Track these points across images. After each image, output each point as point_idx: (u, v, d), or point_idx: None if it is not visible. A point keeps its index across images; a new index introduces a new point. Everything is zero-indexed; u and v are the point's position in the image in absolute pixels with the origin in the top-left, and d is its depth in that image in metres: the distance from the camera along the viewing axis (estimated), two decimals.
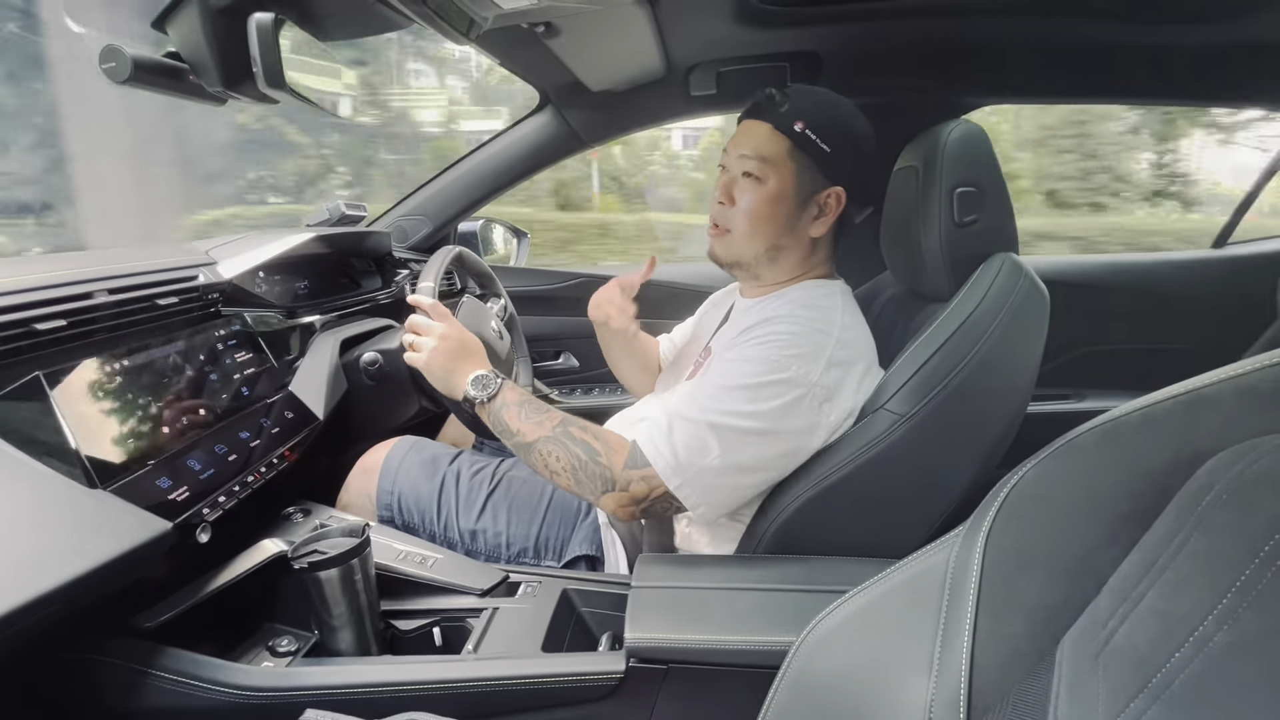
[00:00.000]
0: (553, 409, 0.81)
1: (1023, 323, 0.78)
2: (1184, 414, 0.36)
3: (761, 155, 0.83)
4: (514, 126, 1.47)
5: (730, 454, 0.74)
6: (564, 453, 0.77)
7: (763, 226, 0.85)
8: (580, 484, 0.78)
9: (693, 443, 0.74)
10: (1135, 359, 1.54)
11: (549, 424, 0.79)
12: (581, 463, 0.77)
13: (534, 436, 0.79)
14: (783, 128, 0.82)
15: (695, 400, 0.77)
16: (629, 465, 0.76)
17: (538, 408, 0.81)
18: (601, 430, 0.81)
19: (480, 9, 0.74)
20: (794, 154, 0.83)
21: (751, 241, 0.86)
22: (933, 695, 0.43)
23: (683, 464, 0.74)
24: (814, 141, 0.82)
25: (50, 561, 0.53)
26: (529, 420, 0.80)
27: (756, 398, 0.74)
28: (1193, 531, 0.32)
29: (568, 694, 0.67)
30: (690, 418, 0.75)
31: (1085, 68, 1.25)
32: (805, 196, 0.84)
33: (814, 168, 0.83)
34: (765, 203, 0.83)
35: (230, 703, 0.65)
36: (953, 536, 0.46)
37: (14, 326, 0.64)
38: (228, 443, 0.79)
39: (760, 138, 0.83)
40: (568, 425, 0.79)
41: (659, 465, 0.74)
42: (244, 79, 0.64)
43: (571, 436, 0.78)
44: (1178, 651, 0.29)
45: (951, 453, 0.78)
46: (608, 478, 0.76)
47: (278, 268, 1.03)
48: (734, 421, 0.74)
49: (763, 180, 0.83)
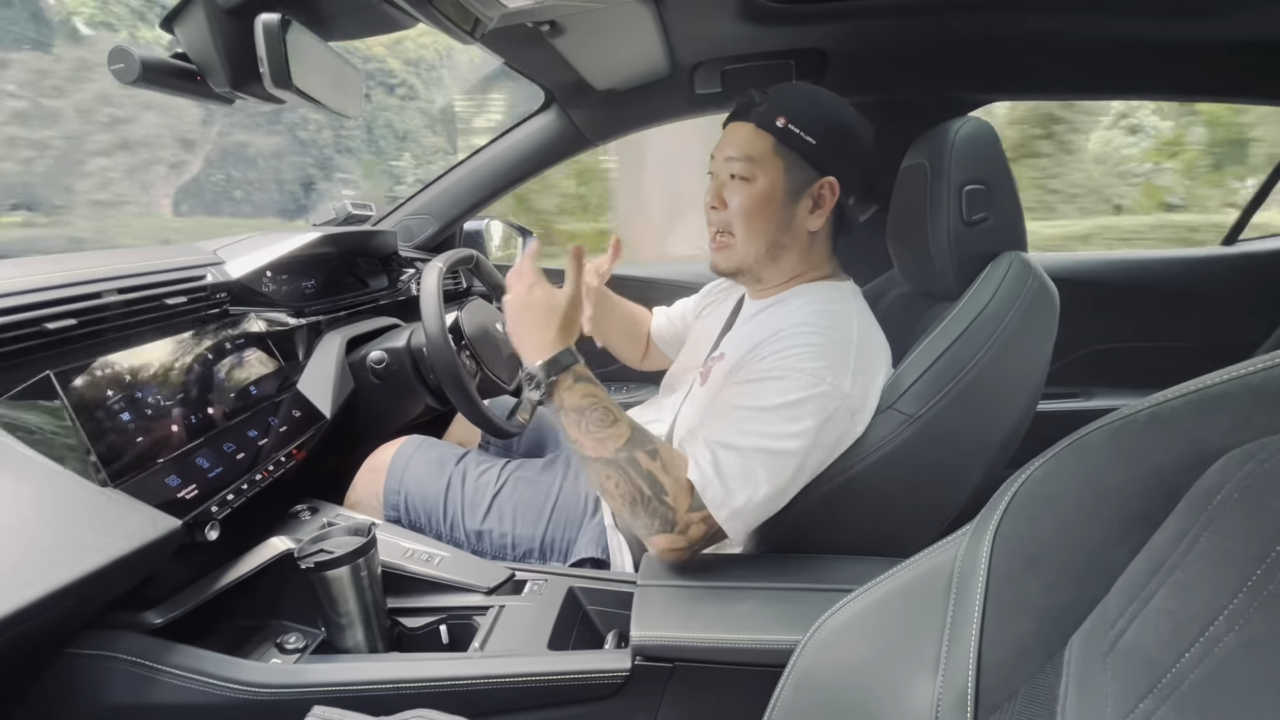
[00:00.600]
0: (620, 419, 0.74)
1: (1032, 322, 0.77)
2: (1194, 413, 0.36)
3: (747, 155, 0.83)
4: (519, 125, 1.47)
5: (776, 478, 0.72)
6: (626, 482, 0.71)
7: (758, 225, 0.84)
8: (636, 516, 0.72)
9: (741, 472, 0.71)
10: (1144, 357, 1.53)
11: (612, 444, 0.72)
12: (645, 498, 0.71)
13: (595, 454, 0.73)
14: (764, 125, 0.82)
15: (735, 425, 0.73)
16: (693, 507, 0.71)
17: (601, 418, 0.73)
18: (671, 458, 0.73)
19: (485, 8, 0.74)
20: (779, 149, 0.82)
21: (750, 242, 0.85)
22: (939, 694, 0.43)
23: (731, 496, 0.71)
24: (797, 134, 0.81)
25: (62, 558, 0.54)
26: (590, 435, 0.73)
27: (797, 416, 0.72)
28: (1203, 531, 0.31)
29: (574, 692, 0.67)
30: (734, 445, 0.72)
31: (1093, 63, 1.24)
32: (797, 190, 0.84)
33: (801, 161, 0.83)
34: (757, 201, 0.83)
35: (238, 699, 0.65)
36: (959, 535, 0.46)
37: (25, 326, 0.64)
38: (236, 441, 0.79)
39: (744, 138, 0.83)
40: (634, 449, 0.72)
41: (708, 499, 0.71)
42: (251, 79, 0.64)
43: (637, 465, 0.71)
44: (1187, 652, 0.29)
45: (960, 453, 0.78)
46: (670, 519, 0.71)
47: (285, 267, 1.04)
48: (778, 444, 0.71)
49: (751, 180, 0.83)
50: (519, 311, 0.79)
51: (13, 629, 0.50)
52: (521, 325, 0.78)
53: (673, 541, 0.72)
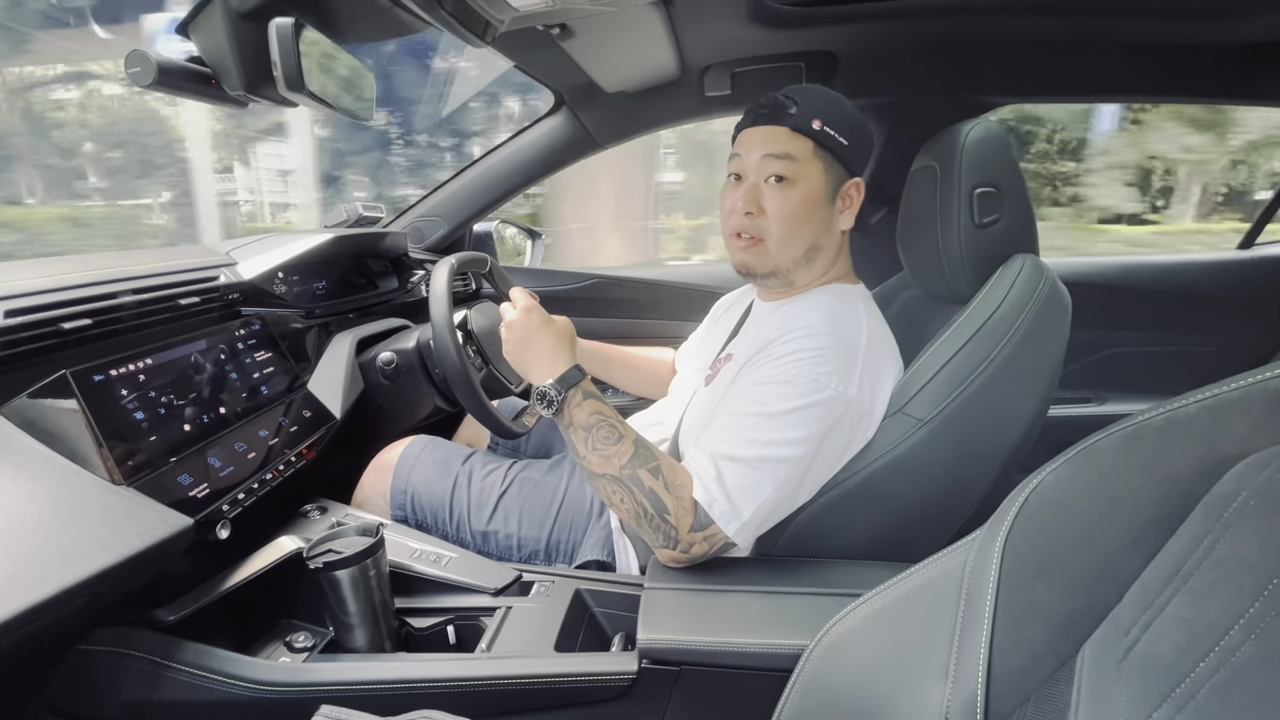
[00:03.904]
0: (625, 436, 0.75)
1: (1044, 325, 0.77)
2: (1209, 418, 0.35)
3: (790, 156, 0.82)
4: (529, 128, 1.47)
5: (783, 486, 0.72)
6: (630, 499, 0.73)
7: (800, 229, 0.83)
8: (641, 530, 0.75)
9: (747, 484, 0.72)
10: (1158, 362, 1.52)
11: (617, 461, 0.74)
12: (647, 514, 0.73)
13: (600, 471, 0.75)
14: (801, 128, 0.82)
15: (739, 433, 0.74)
16: (694, 528, 0.72)
17: (607, 435, 0.75)
18: (674, 476, 0.74)
19: (496, 12, 0.75)
20: (818, 152, 0.82)
21: (789, 246, 0.84)
22: (949, 701, 0.42)
23: (739, 509, 0.72)
24: (833, 136, 0.81)
25: (76, 555, 0.55)
26: (596, 451, 0.75)
27: (801, 422, 0.72)
28: (1219, 537, 0.31)
29: (581, 694, 0.67)
30: (738, 456, 0.72)
31: (1104, 66, 1.23)
32: (834, 192, 0.84)
33: (836, 162, 0.83)
34: (802, 205, 0.82)
35: (247, 697, 0.66)
36: (969, 541, 0.46)
37: (42, 326, 0.65)
38: (247, 441, 0.80)
39: (782, 141, 0.82)
40: (637, 467, 0.73)
41: (716, 515, 0.72)
42: (265, 82, 0.65)
43: (640, 484, 0.73)
44: (1203, 660, 0.28)
45: (970, 458, 0.77)
46: (672, 537, 0.73)
47: (296, 268, 1.04)
48: (783, 451, 0.72)
49: (794, 182, 0.82)
50: (522, 335, 0.82)
51: (27, 625, 0.50)
52: (529, 349, 0.82)
53: (675, 558, 0.75)
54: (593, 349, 1.24)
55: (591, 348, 1.24)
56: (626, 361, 1.25)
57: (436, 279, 0.96)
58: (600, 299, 1.62)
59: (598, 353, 1.24)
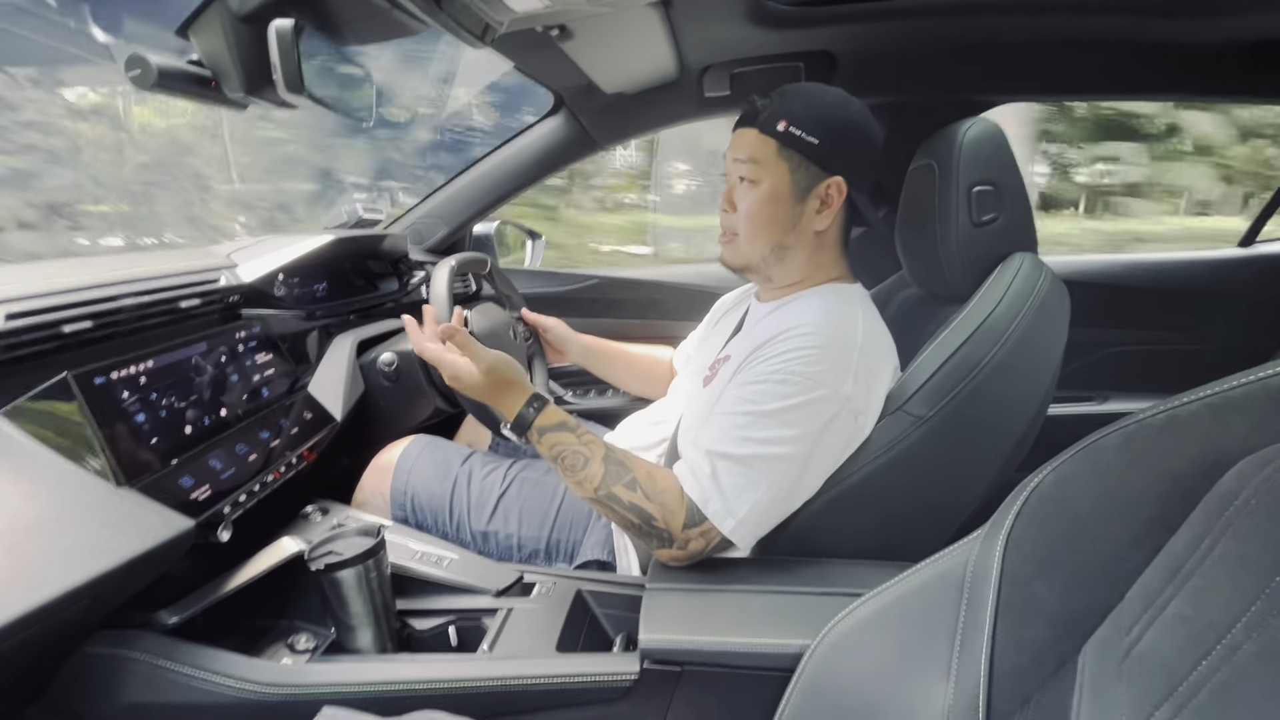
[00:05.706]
0: (592, 457, 0.75)
1: (1043, 323, 0.77)
2: (1210, 417, 0.35)
3: (753, 159, 0.84)
4: (529, 129, 1.48)
5: (779, 485, 0.72)
6: (614, 515, 0.74)
7: (764, 227, 0.85)
8: (635, 538, 0.77)
9: (742, 482, 0.72)
10: (1159, 360, 1.51)
11: (590, 484, 0.74)
12: (635, 526, 0.74)
13: (579, 494, 0.76)
14: (767, 130, 0.83)
15: (733, 431, 0.74)
16: (688, 525, 0.73)
17: (573, 462, 0.75)
18: (653, 484, 0.74)
19: (495, 13, 0.75)
20: (783, 152, 0.83)
21: (755, 243, 0.86)
22: (951, 700, 0.42)
23: (734, 507, 0.72)
24: (799, 136, 0.82)
25: (78, 558, 0.55)
26: (570, 478, 0.76)
27: (794, 421, 0.72)
28: (1220, 536, 0.31)
29: (582, 694, 0.67)
30: (733, 454, 0.73)
31: (1103, 64, 1.23)
32: (803, 192, 0.84)
33: (807, 162, 0.83)
34: (762, 204, 0.84)
35: (249, 699, 0.66)
36: (971, 540, 0.46)
37: (43, 328, 0.66)
38: (248, 443, 0.80)
39: (749, 143, 0.84)
40: (611, 485, 0.73)
41: (710, 512, 0.72)
42: (265, 85, 0.65)
43: (619, 501, 0.73)
44: (1204, 659, 0.28)
45: (970, 456, 0.77)
46: (666, 538, 0.73)
47: (297, 270, 1.04)
48: (776, 450, 0.72)
49: (757, 183, 0.84)
50: (469, 386, 0.79)
51: (29, 627, 0.50)
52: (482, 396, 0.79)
53: (674, 556, 0.75)
54: (593, 346, 1.24)
55: (592, 345, 1.24)
56: (626, 359, 1.25)
57: (437, 280, 0.96)
58: (600, 299, 1.62)
59: (598, 350, 1.24)
